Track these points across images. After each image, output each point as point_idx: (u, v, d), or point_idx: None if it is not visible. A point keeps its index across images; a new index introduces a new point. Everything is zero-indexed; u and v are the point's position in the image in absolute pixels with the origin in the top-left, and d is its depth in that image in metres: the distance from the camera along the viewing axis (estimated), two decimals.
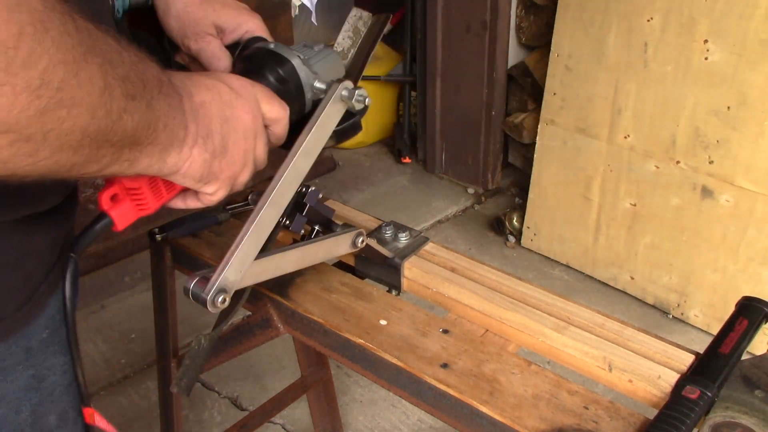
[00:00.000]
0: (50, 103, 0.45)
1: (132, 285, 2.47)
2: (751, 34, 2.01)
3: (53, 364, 0.72)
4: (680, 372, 0.84)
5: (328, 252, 0.92)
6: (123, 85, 0.52)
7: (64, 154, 0.49)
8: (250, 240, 0.74)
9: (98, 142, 0.51)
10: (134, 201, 0.68)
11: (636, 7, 2.22)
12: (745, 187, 2.12)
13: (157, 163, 0.60)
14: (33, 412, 0.71)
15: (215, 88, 0.67)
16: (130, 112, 0.53)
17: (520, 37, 2.84)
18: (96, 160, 0.53)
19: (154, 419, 1.44)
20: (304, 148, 0.77)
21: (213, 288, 0.73)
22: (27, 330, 0.67)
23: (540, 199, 2.65)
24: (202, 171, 0.65)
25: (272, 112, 0.73)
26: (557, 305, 0.95)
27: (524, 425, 0.77)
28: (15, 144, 0.46)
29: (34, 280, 0.67)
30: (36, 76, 0.44)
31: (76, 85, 0.47)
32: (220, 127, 0.66)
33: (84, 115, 0.48)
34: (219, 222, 1.15)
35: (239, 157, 0.69)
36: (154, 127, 0.57)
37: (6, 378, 0.67)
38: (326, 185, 3.13)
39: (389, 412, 2.03)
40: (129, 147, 0.55)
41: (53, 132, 0.47)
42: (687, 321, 2.36)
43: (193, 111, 0.63)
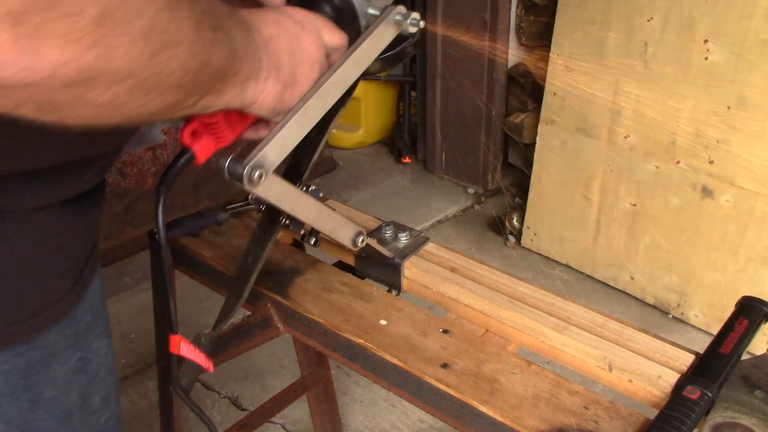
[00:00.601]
0: (159, 45, 0.49)
1: (132, 285, 2.47)
2: (751, 34, 2.01)
3: (98, 346, 0.75)
4: (680, 372, 0.84)
5: (333, 229, 0.90)
6: (207, 18, 0.54)
7: (171, 93, 0.53)
8: (294, 126, 0.73)
9: (197, 76, 0.54)
10: (213, 134, 0.70)
11: (636, 7, 2.22)
12: (745, 187, 2.12)
13: (239, 94, 0.62)
14: (81, 394, 0.74)
15: (281, 22, 0.69)
16: (217, 43, 0.56)
17: (520, 37, 2.84)
18: (194, 94, 0.56)
19: (154, 419, 1.44)
20: (356, 55, 0.77)
21: (251, 162, 0.71)
22: (75, 313, 0.70)
23: (540, 199, 2.65)
24: (276, 101, 0.67)
25: (333, 41, 0.75)
26: (557, 305, 0.95)
27: (524, 425, 0.77)
28: (133, 88, 0.49)
29: (80, 263, 0.70)
30: (147, 22, 0.47)
31: (177, 25, 0.50)
32: (288, 59, 0.68)
33: (186, 51, 0.51)
34: (219, 222, 1.15)
35: (307, 86, 0.71)
36: (237, 56, 0.59)
37: (58, 360, 0.70)
38: (326, 185, 3.13)
39: (389, 412, 2.02)
40: (219, 79, 0.58)
41: (164, 72, 0.50)
42: (687, 321, 2.36)
43: (263, 45, 0.65)
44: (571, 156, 2.51)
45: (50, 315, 0.67)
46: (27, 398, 0.68)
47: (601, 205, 2.48)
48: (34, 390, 0.68)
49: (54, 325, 0.68)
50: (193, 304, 1.96)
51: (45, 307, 0.66)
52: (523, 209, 2.74)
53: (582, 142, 2.47)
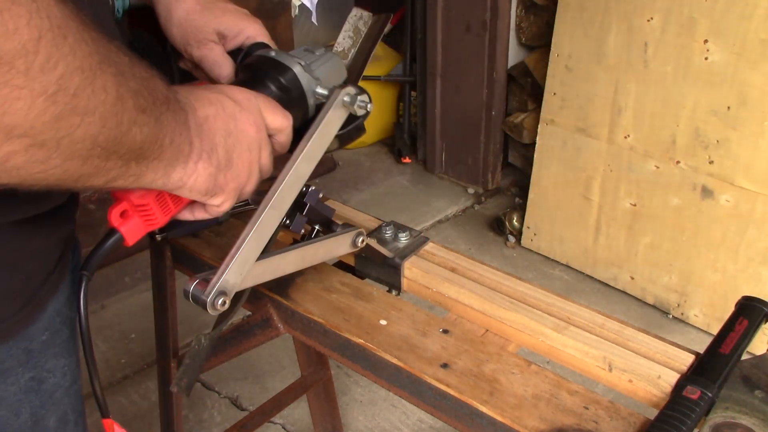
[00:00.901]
0: (65, 109, 0.46)
1: (132, 285, 2.47)
2: (751, 34, 2.01)
3: (54, 366, 0.72)
4: (680, 372, 0.84)
5: (328, 252, 0.92)
6: (135, 98, 0.52)
7: (74, 163, 0.50)
8: (251, 243, 0.75)
9: (107, 152, 0.52)
10: (143, 216, 0.69)
11: (636, 7, 2.22)
12: (745, 187, 2.12)
13: (162, 177, 0.60)
14: (33, 414, 0.71)
15: (218, 102, 0.67)
16: (139, 125, 0.53)
17: (520, 37, 2.84)
18: (103, 172, 0.53)
19: (154, 419, 1.44)
20: (306, 153, 0.77)
21: (213, 291, 0.73)
22: (27, 332, 0.67)
23: (540, 199, 2.65)
24: (207, 184, 0.65)
25: (276, 122, 0.73)
26: (557, 305, 0.95)
27: (524, 425, 0.77)
28: (29, 150, 0.46)
29: (35, 282, 0.67)
30: (53, 81, 0.44)
31: (90, 93, 0.47)
32: (224, 141, 0.66)
33: (96, 123, 0.49)
34: (219, 222, 1.14)
35: (244, 169, 0.69)
36: (160, 142, 0.57)
37: (6, 380, 0.67)
38: (326, 185, 3.13)
39: (389, 412, 2.03)
40: (136, 160, 0.56)
41: (66, 139, 0.47)
42: (687, 321, 2.36)
43: (197, 126, 0.63)
44: (571, 156, 2.51)
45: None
46: None
47: (601, 205, 2.48)
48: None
49: (0, 344, 0.65)
50: (193, 305, 1.96)
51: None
52: (523, 209, 2.74)
53: (582, 142, 2.47)
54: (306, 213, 0.91)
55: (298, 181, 0.78)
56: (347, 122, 0.82)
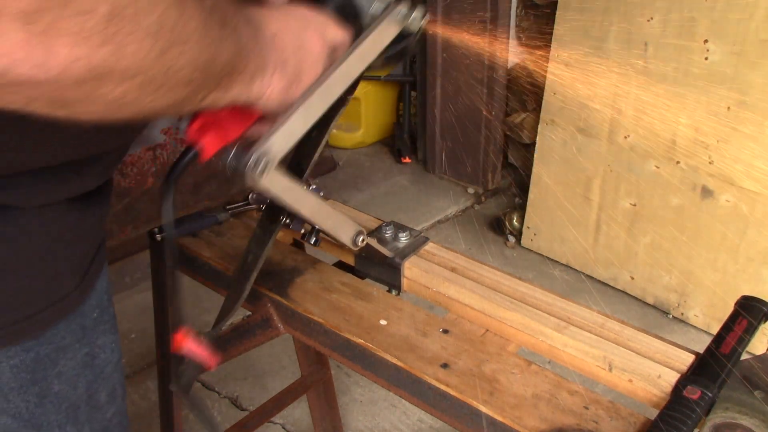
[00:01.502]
0: (167, 43, 0.49)
1: (132, 285, 2.47)
2: (751, 34, 2.00)
3: (104, 342, 0.76)
4: (680, 372, 0.84)
5: (334, 227, 0.90)
6: (214, 15, 0.55)
7: (179, 89, 0.53)
8: (298, 117, 0.73)
9: (205, 72, 0.55)
10: (219, 130, 0.71)
11: (636, 7, 2.22)
12: (745, 187, 2.12)
13: (246, 90, 0.63)
14: (87, 389, 0.75)
15: (286, 19, 0.70)
16: (224, 40, 0.56)
17: (520, 37, 2.84)
18: (202, 90, 0.57)
19: (154, 419, 1.44)
20: (358, 51, 0.78)
21: (257, 152, 0.70)
22: (82, 309, 0.71)
23: (540, 199, 2.65)
24: (281, 97, 0.68)
25: (337, 38, 0.76)
26: (557, 305, 0.95)
27: (524, 425, 0.77)
28: (142, 85, 0.50)
29: (87, 259, 0.71)
30: (155, 20, 0.48)
31: (184, 23, 0.51)
32: (293, 55, 0.69)
33: (194, 48, 0.52)
34: (219, 222, 1.15)
35: (312, 82, 0.72)
36: (243, 53, 0.60)
37: (66, 355, 0.71)
38: (326, 185, 3.13)
39: (389, 412, 2.02)
40: (227, 75, 0.59)
41: (172, 69, 0.51)
42: (687, 321, 2.36)
43: (269, 41, 0.66)
44: (571, 156, 2.51)
45: (58, 311, 0.68)
46: (35, 392, 0.69)
47: (601, 205, 2.48)
48: (41, 384, 0.69)
49: (61, 320, 0.69)
50: (194, 304, 1.96)
51: (53, 303, 0.67)
52: (523, 209, 2.74)
53: (582, 142, 2.47)
54: None
55: (347, 77, 0.78)
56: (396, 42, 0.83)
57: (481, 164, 3.05)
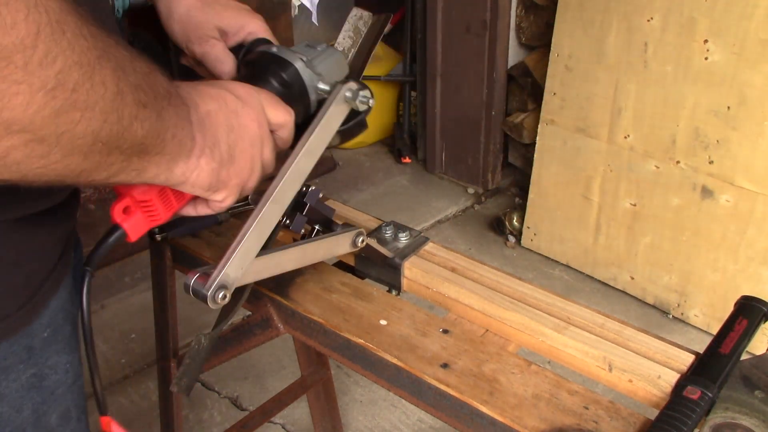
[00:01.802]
0: (65, 104, 0.46)
1: (132, 285, 2.47)
2: (751, 34, 2.01)
3: (56, 362, 0.72)
4: (680, 372, 0.84)
5: (328, 251, 0.92)
6: (135, 93, 0.52)
7: (75, 159, 0.50)
8: (252, 237, 0.74)
9: (108, 147, 0.51)
10: (146, 212, 0.68)
11: (636, 7, 2.22)
12: (745, 187, 2.12)
13: (164, 173, 0.60)
14: (35, 411, 0.71)
15: (221, 98, 0.67)
16: (140, 120, 0.53)
17: (520, 37, 2.84)
18: (105, 167, 0.53)
19: (154, 419, 1.44)
20: (307, 147, 0.77)
21: (214, 284, 0.72)
22: (28, 329, 0.67)
23: (540, 199, 2.65)
24: (210, 180, 0.65)
25: (278, 118, 0.73)
26: (557, 305, 0.95)
27: (524, 425, 0.77)
28: (29, 145, 0.46)
29: (37, 279, 0.67)
30: (52, 76, 0.44)
31: (90, 88, 0.47)
32: (226, 136, 0.66)
33: (97, 118, 0.49)
34: (219, 222, 1.15)
35: (247, 164, 0.69)
36: (162, 137, 0.57)
37: (8, 377, 0.67)
38: (326, 185, 3.13)
39: (389, 412, 2.03)
40: (138, 155, 0.55)
41: (66, 134, 0.47)
42: (687, 321, 2.36)
43: (199, 121, 0.63)
44: (571, 156, 2.51)
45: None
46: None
47: (601, 205, 2.48)
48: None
49: (2, 341, 0.65)
50: (193, 304, 1.96)
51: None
52: (523, 209, 2.74)
53: (582, 142, 2.47)
54: (306, 213, 0.90)
55: (299, 176, 0.78)
56: (349, 118, 0.82)
57: (481, 164, 3.05)
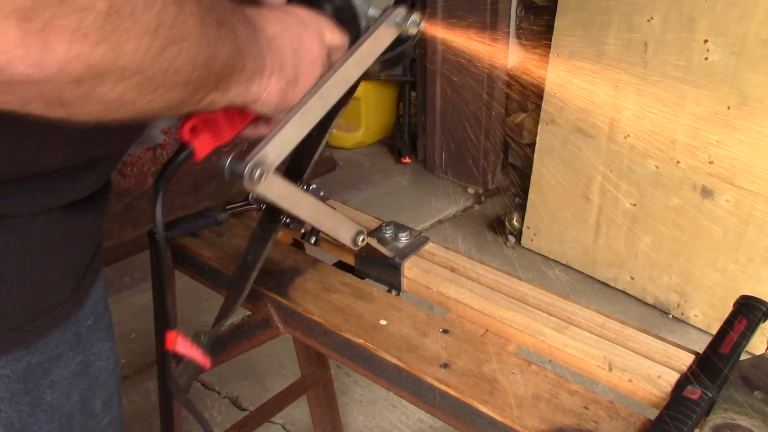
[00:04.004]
0: (166, 41, 0.49)
1: (132, 285, 2.47)
2: (751, 34, 2.00)
3: (99, 349, 0.75)
4: (680, 372, 0.84)
5: (334, 227, 0.89)
6: (212, 14, 0.54)
7: (178, 89, 0.53)
8: (295, 124, 0.73)
9: (204, 72, 0.54)
10: (212, 131, 0.71)
11: (636, 7, 2.22)
12: (745, 187, 2.12)
13: (243, 91, 0.62)
14: (82, 397, 0.73)
15: (284, 20, 0.69)
16: (223, 39, 0.56)
17: (520, 37, 2.84)
18: (200, 90, 0.56)
19: (154, 419, 1.44)
20: (356, 57, 0.78)
21: (252, 160, 0.70)
22: (76, 317, 0.70)
23: (540, 199, 2.65)
24: (279, 99, 0.67)
25: (335, 40, 0.75)
26: (557, 305, 0.95)
27: (524, 425, 0.77)
28: (141, 84, 0.49)
29: (82, 267, 0.70)
30: (154, 17, 0.47)
31: (183, 21, 0.50)
32: (291, 57, 0.68)
33: (192, 47, 0.52)
34: (219, 222, 1.15)
35: (309, 85, 0.72)
36: (241, 53, 0.59)
37: (59, 364, 0.70)
38: (326, 185, 3.13)
39: (389, 412, 2.02)
40: (225, 75, 0.58)
41: (171, 68, 0.50)
42: (687, 321, 2.36)
43: (267, 42, 0.65)
44: (571, 156, 2.51)
45: (51, 319, 0.67)
46: (27, 402, 0.68)
47: (601, 205, 2.48)
48: (34, 394, 0.68)
49: (54, 329, 0.68)
50: (193, 304, 1.96)
51: (45, 312, 0.66)
52: (523, 209, 2.74)
53: (582, 142, 2.47)
54: None
55: (345, 81, 0.78)
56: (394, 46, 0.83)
57: (481, 164, 3.05)
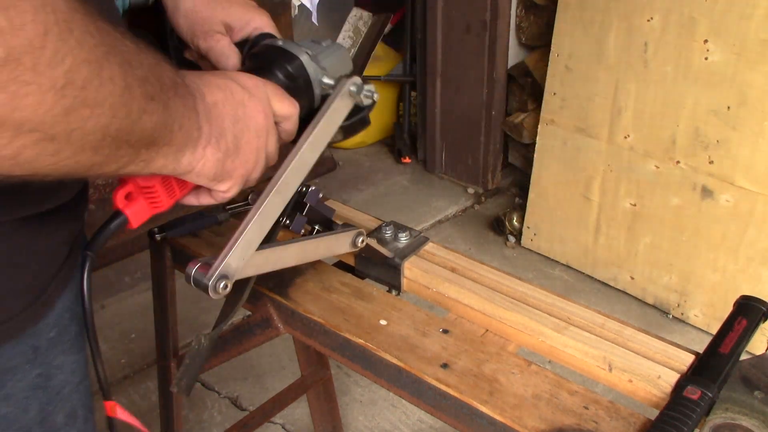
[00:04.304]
0: (75, 102, 0.46)
1: (132, 285, 2.47)
2: (751, 34, 2.01)
3: (62, 362, 0.72)
4: (680, 372, 0.84)
5: (328, 249, 0.92)
6: (142, 86, 0.52)
7: (86, 154, 0.50)
8: (254, 228, 0.74)
9: (118, 141, 0.52)
10: (148, 199, 0.69)
11: (636, 7, 2.22)
12: (745, 187, 2.12)
13: (172, 163, 0.60)
14: (41, 411, 0.71)
15: (227, 88, 0.67)
16: (149, 113, 0.53)
17: (520, 37, 2.84)
18: (115, 159, 0.53)
19: (154, 419, 1.44)
20: (311, 140, 0.77)
21: (215, 274, 0.72)
22: (34, 329, 0.67)
23: (540, 199, 2.65)
24: (215, 170, 0.65)
25: (283, 110, 0.74)
26: (557, 305, 0.95)
27: (524, 425, 0.77)
28: (40, 143, 0.46)
29: (42, 280, 0.67)
30: (61, 75, 0.44)
31: (99, 85, 0.47)
32: (232, 127, 0.66)
33: (106, 114, 0.49)
34: (219, 222, 1.15)
35: (252, 155, 0.70)
36: (170, 127, 0.57)
37: (14, 377, 0.67)
38: (326, 185, 3.13)
39: (389, 412, 2.03)
40: (146, 147, 0.56)
41: (77, 131, 0.47)
42: (687, 321, 2.36)
43: (206, 111, 0.63)
44: (571, 156, 2.51)
45: (2, 332, 0.64)
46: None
47: (601, 205, 2.48)
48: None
49: (8, 341, 0.65)
50: (193, 304, 1.96)
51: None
52: (523, 209, 2.74)
53: (582, 142, 2.47)
54: (306, 213, 0.91)
55: (302, 168, 0.77)
56: (352, 114, 0.82)
57: (481, 164, 3.05)
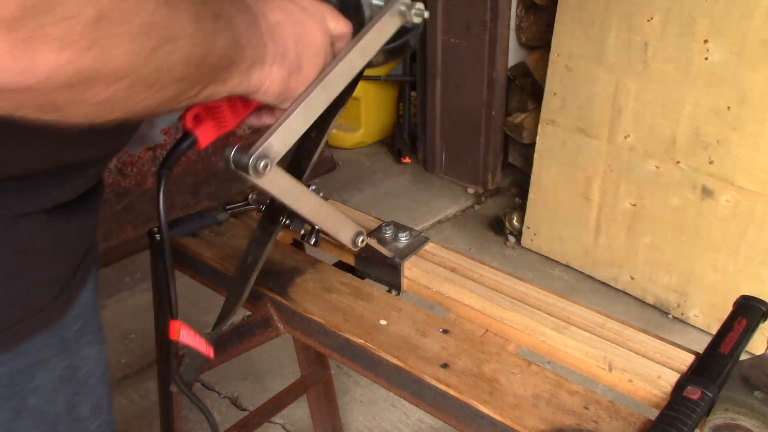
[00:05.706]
0: (159, 41, 0.48)
1: (132, 285, 2.47)
2: (751, 34, 2.00)
3: (88, 354, 0.74)
4: (680, 372, 0.84)
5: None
6: (207, 8, 0.54)
7: (172, 86, 0.52)
8: (299, 115, 0.73)
9: (199, 67, 0.54)
10: (215, 119, 0.71)
11: (636, 7, 2.22)
12: (745, 187, 2.12)
13: (244, 81, 0.62)
14: (68, 402, 0.72)
15: (286, 8, 0.69)
16: (219, 32, 0.55)
17: (520, 37, 2.84)
18: (197, 84, 0.56)
19: (154, 419, 1.44)
20: (360, 45, 0.77)
21: (257, 152, 0.70)
22: (62, 321, 0.69)
23: (540, 199, 2.65)
24: (281, 88, 0.67)
25: (338, 29, 0.75)
26: (557, 305, 0.95)
27: (524, 425, 0.77)
28: (133, 85, 0.49)
29: (68, 270, 0.69)
30: (146, 20, 0.47)
31: (176, 19, 0.50)
32: (294, 46, 0.68)
33: (186, 45, 0.51)
34: (219, 222, 1.15)
35: (313, 73, 0.71)
36: (240, 44, 0.59)
37: (43, 369, 0.68)
38: (326, 185, 3.13)
39: (389, 412, 2.02)
40: (223, 68, 0.58)
41: (164, 66, 0.50)
42: (687, 321, 2.36)
43: (269, 30, 0.65)
44: (571, 156, 2.51)
45: (34, 324, 0.65)
46: (10, 407, 0.67)
47: (601, 205, 2.48)
48: (17, 398, 0.67)
49: (38, 333, 0.66)
50: (193, 304, 1.96)
51: (29, 316, 0.65)
52: (523, 209, 2.74)
53: (582, 142, 2.47)
54: None
55: (349, 71, 0.77)
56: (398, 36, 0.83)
57: (481, 164, 3.05)
